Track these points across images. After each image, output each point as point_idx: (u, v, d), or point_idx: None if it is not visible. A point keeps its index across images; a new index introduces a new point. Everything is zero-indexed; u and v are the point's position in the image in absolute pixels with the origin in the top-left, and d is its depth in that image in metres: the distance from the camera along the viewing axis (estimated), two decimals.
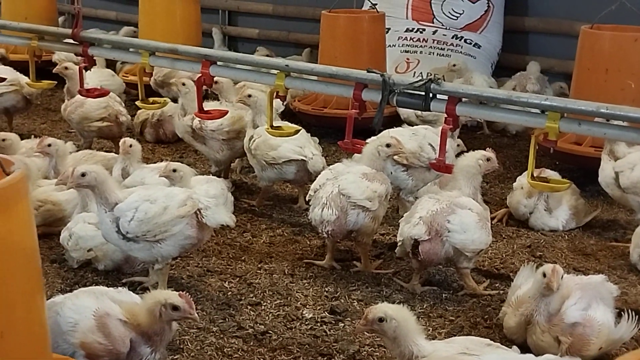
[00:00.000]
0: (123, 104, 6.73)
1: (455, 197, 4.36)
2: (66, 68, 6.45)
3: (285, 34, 10.12)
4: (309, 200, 4.63)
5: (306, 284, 4.49)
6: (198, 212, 4.10)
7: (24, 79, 6.87)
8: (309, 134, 5.58)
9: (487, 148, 4.69)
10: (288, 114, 6.39)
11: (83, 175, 3.97)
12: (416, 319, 3.19)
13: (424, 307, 4.25)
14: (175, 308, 3.29)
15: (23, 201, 2.55)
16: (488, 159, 4.53)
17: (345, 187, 4.43)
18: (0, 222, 2.45)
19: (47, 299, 3.55)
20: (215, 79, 5.47)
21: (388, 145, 4.65)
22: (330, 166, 4.77)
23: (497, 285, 4.52)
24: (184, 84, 5.80)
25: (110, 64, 8.69)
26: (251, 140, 5.47)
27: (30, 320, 2.63)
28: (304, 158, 5.36)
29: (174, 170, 4.56)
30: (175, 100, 6.20)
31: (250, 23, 10.57)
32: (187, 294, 3.38)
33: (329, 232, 4.43)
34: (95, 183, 3.98)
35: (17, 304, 2.55)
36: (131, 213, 3.99)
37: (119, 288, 3.54)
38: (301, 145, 5.39)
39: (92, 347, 3.24)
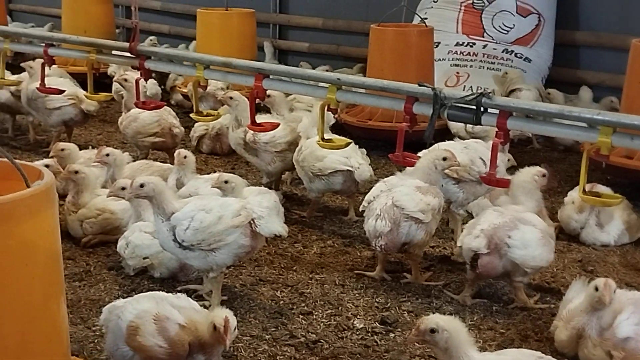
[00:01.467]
0: (176, 117, 6.87)
1: (520, 212, 4.37)
2: (125, 80, 6.62)
3: (335, 48, 10.22)
4: (363, 211, 4.69)
5: (357, 295, 4.55)
6: (252, 222, 4.18)
7: (81, 92, 7.07)
8: (357, 146, 5.65)
9: (543, 164, 4.71)
10: (335, 126, 6.45)
11: (142, 186, 4.09)
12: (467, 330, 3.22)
13: (474, 319, 4.27)
14: (214, 328, 3.35)
15: (50, 208, 2.68)
16: (543, 175, 4.55)
17: (399, 199, 4.48)
18: (28, 227, 2.58)
19: (105, 305, 3.69)
20: (268, 92, 5.57)
21: (444, 159, 4.68)
22: (385, 179, 4.82)
23: (547, 299, 4.52)
24: (231, 98, 5.89)
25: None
26: (299, 152, 5.56)
27: (51, 324, 2.74)
28: (349, 168, 5.42)
29: (226, 182, 4.66)
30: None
31: (300, 37, 10.70)
32: (231, 320, 3.37)
33: (382, 247, 4.49)
34: (153, 194, 4.10)
35: (39, 307, 2.67)
36: (187, 222, 4.09)
37: (178, 294, 3.63)
38: (347, 155, 5.46)
39: (152, 350, 3.34)
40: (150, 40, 9.84)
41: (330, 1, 10.37)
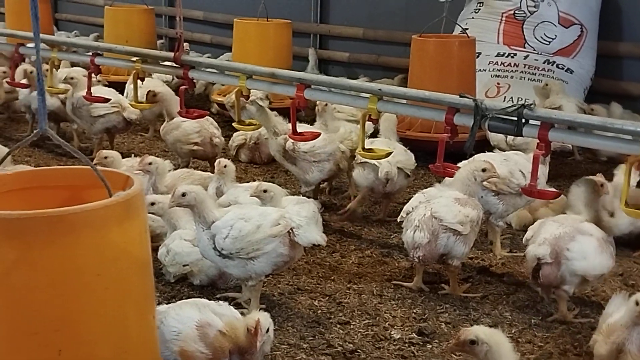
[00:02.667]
0: (218, 127, 6.94)
1: (578, 221, 4.36)
2: (154, 95, 6.71)
3: (375, 58, 10.25)
4: (401, 222, 4.70)
5: (394, 305, 4.55)
6: (290, 231, 4.22)
7: (125, 100, 7.19)
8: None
9: (598, 174, 4.69)
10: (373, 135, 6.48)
11: (183, 195, 4.15)
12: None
13: (513, 332, 4.25)
14: (247, 330, 3.40)
15: (140, 215, 2.71)
16: (602, 185, 4.54)
17: (437, 210, 4.48)
18: (119, 234, 2.61)
19: None
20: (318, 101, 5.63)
21: (484, 170, 4.68)
22: (423, 190, 4.83)
23: (587, 312, 4.48)
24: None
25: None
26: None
27: (143, 330, 2.79)
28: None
29: (265, 191, 4.71)
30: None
31: (341, 46, 10.74)
32: (262, 328, 3.41)
33: (420, 258, 4.50)
34: (195, 202, 4.15)
35: (131, 314, 2.71)
36: (226, 230, 4.14)
37: (220, 302, 3.68)
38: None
39: (194, 355, 3.38)
40: (185, 48, 9.91)
41: (370, 11, 10.41)
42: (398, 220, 4.78)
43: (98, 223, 2.55)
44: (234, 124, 6.20)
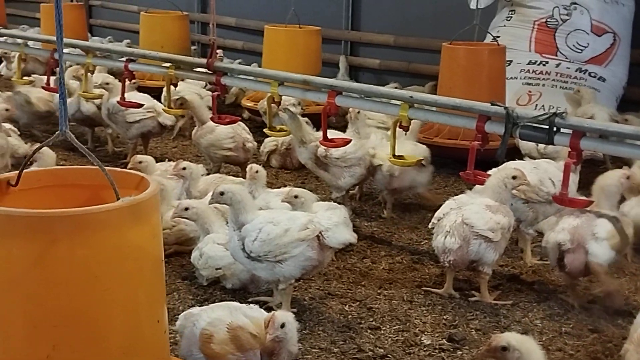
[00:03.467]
0: (250, 132, 7.01)
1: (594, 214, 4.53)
2: (181, 104, 6.80)
3: (406, 65, 10.28)
4: (432, 228, 4.73)
5: (425, 311, 4.58)
6: (320, 235, 4.27)
7: (159, 106, 7.30)
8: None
9: (625, 167, 4.73)
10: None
11: (222, 194, 4.25)
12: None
13: (543, 339, 4.25)
14: (266, 326, 3.45)
15: (155, 215, 2.82)
16: (627, 177, 4.64)
17: (468, 216, 4.51)
18: (135, 232, 2.72)
19: (179, 314, 3.82)
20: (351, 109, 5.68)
21: (514, 177, 4.69)
22: (454, 197, 4.86)
23: (619, 321, 4.47)
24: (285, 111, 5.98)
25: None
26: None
27: (154, 329, 2.88)
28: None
29: (296, 196, 4.77)
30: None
31: (372, 53, 10.79)
32: (275, 322, 3.44)
33: (451, 262, 4.52)
34: (231, 202, 4.24)
35: (143, 313, 2.80)
36: (255, 233, 4.21)
37: (251, 305, 3.73)
38: None
39: (224, 358, 3.44)
40: (218, 55, 10.02)
41: (401, 18, 10.44)
42: (429, 226, 4.81)
43: (114, 223, 2.66)
44: (265, 130, 6.27)
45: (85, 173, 3.10)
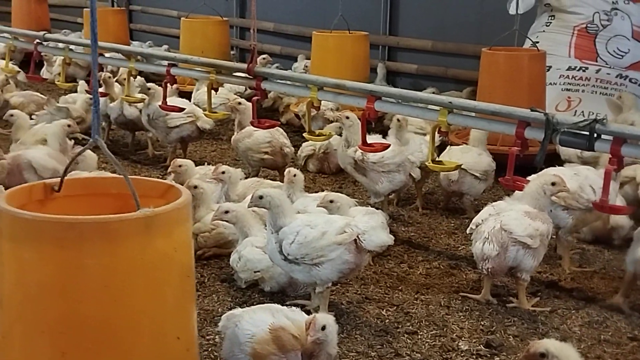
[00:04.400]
0: (287, 137, 7.06)
1: None
2: (239, 103, 6.87)
3: (444, 70, 10.26)
4: (470, 234, 4.73)
5: (462, 317, 4.58)
6: (357, 238, 4.30)
7: (199, 110, 7.38)
8: None
9: None
10: (442, 147, 6.51)
11: (260, 197, 4.33)
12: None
13: (582, 347, 4.23)
14: (307, 327, 3.50)
15: (186, 224, 2.88)
16: None
17: (507, 222, 4.50)
18: (166, 241, 2.78)
19: (218, 316, 3.87)
20: (398, 116, 5.69)
21: (553, 184, 4.68)
22: (493, 203, 4.86)
23: None
24: (347, 117, 6.02)
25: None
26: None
27: (182, 332, 2.93)
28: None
29: (332, 201, 4.83)
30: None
31: (409, 58, 10.78)
32: (316, 324, 3.49)
33: (489, 269, 4.52)
34: (270, 206, 4.31)
35: (172, 316, 2.86)
36: (292, 236, 4.27)
37: (292, 307, 3.78)
38: None
39: (267, 358, 3.49)
40: (264, 58, 10.14)
41: (440, 23, 10.43)
42: (467, 232, 4.81)
43: (140, 232, 2.73)
44: (304, 134, 6.31)
45: (119, 182, 3.14)
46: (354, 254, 4.30)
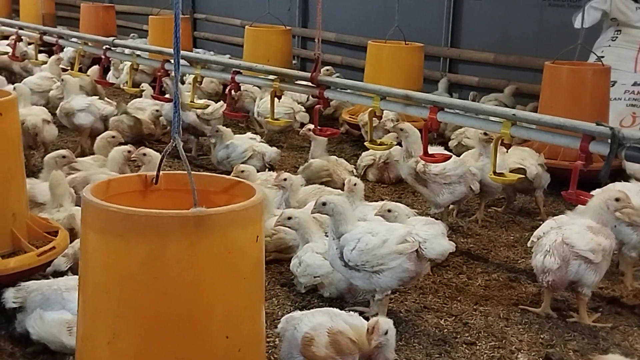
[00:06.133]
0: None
1: None
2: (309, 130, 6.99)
3: (505, 83, 10.20)
4: (531, 247, 4.72)
5: (521, 329, 4.57)
6: (419, 247, 4.33)
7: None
8: None
9: None
10: None
11: (324, 204, 4.40)
12: None
13: None
14: (367, 330, 3.55)
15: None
16: None
17: (569, 236, 4.48)
18: (243, 235, 2.87)
19: (277, 319, 3.94)
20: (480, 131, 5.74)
21: (617, 200, 4.63)
22: (554, 217, 4.84)
23: None
24: (402, 129, 6.04)
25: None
26: None
27: (253, 327, 3.02)
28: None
29: (389, 210, 4.87)
30: None
31: (470, 71, 10.76)
32: (380, 329, 3.56)
33: (550, 283, 4.49)
34: (332, 213, 4.38)
35: (244, 310, 2.95)
36: (354, 243, 4.32)
37: (351, 312, 3.83)
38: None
39: None
40: (327, 70, 10.24)
41: (503, 36, 10.38)
42: (528, 245, 4.79)
43: (222, 225, 2.82)
44: (366, 143, 6.36)
45: (212, 180, 3.31)
46: (414, 262, 4.33)
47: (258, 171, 6.90)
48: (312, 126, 6.92)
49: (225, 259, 2.85)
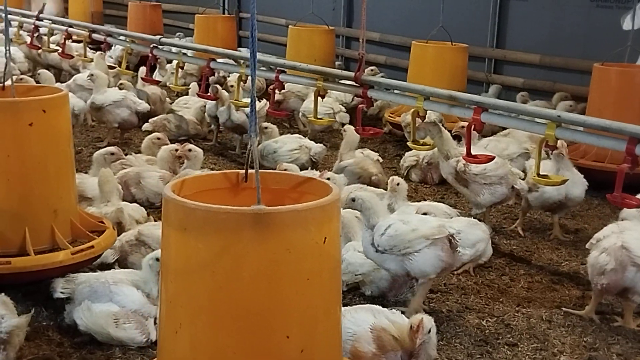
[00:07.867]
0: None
1: None
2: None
3: (551, 84, 10.11)
4: (588, 248, 4.69)
5: (564, 332, 4.54)
6: (451, 238, 4.41)
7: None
8: None
9: None
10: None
11: (353, 200, 4.51)
12: None
13: None
14: (410, 327, 3.59)
15: (336, 217, 2.98)
16: None
17: (628, 241, 4.44)
18: (305, 235, 2.84)
19: None
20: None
21: None
22: (617, 222, 4.80)
23: None
24: (430, 130, 6.02)
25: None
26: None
27: (329, 326, 3.01)
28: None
29: (425, 214, 4.96)
30: None
31: (515, 72, 10.68)
32: (424, 327, 3.59)
33: (604, 285, 4.46)
34: (361, 208, 4.49)
35: (321, 310, 2.93)
36: (384, 229, 4.45)
37: (393, 310, 3.85)
38: None
39: (367, 357, 3.58)
40: (372, 70, 10.26)
41: (549, 37, 10.29)
42: (586, 246, 4.74)
43: (281, 224, 2.80)
44: (409, 144, 6.36)
45: (281, 178, 3.34)
46: (447, 252, 4.40)
47: (303, 168, 7.00)
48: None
49: (283, 258, 2.81)
